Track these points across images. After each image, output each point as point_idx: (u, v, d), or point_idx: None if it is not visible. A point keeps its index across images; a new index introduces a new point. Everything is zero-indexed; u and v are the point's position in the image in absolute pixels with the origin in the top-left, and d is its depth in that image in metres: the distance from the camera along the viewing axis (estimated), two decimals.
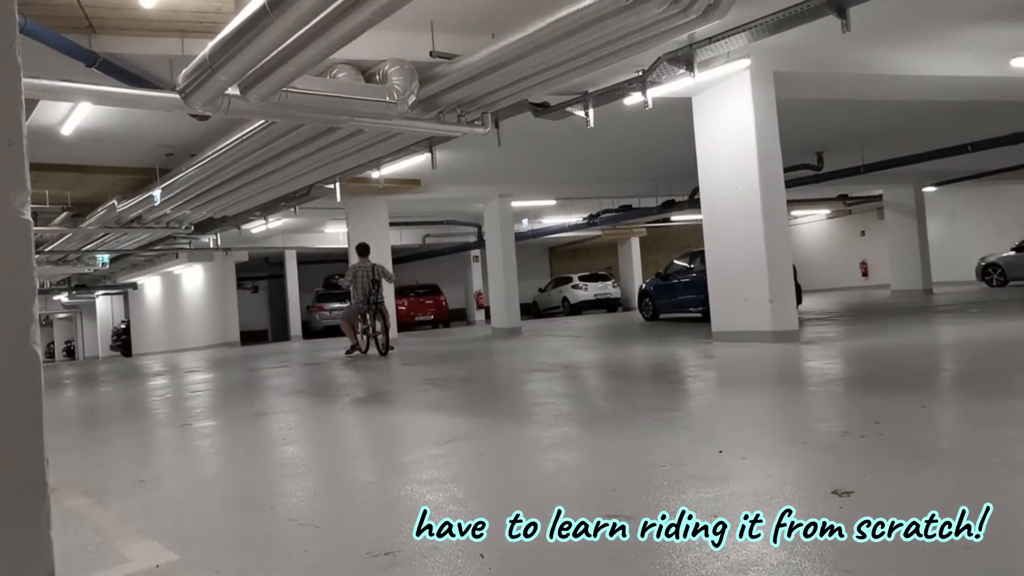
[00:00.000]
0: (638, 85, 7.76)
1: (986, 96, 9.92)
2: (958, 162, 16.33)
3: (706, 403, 4.82)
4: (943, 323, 9.26)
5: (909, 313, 11.44)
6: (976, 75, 8.92)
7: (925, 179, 18.63)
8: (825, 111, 10.67)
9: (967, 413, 3.73)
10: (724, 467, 2.82)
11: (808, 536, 1.98)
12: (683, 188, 16.56)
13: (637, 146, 12.77)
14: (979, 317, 9.52)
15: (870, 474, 2.57)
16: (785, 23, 6.58)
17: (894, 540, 1.93)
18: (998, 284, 18.60)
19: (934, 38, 8.43)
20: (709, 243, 8.73)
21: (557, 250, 30.51)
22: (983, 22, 7.96)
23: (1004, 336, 7.07)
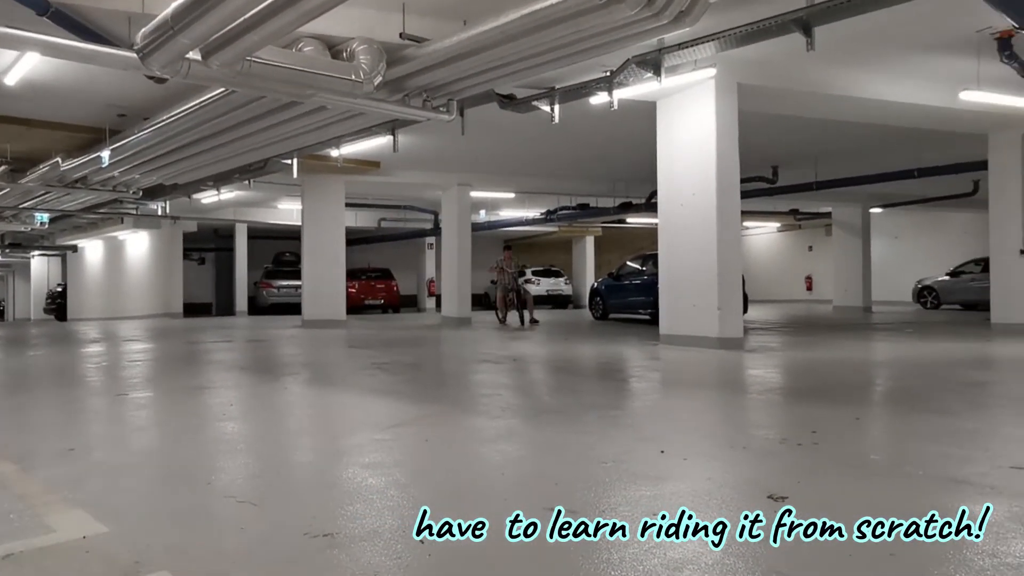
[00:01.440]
0: (605, 85, 7.81)
1: (934, 125, 10.27)
2: (904, 186, 16.90)
3: (650, 403, 4.89)
4: (880, 341, 9.57)
5: (848, 329, 11.80)
6: (927, 103, 9.22)
7: (873, 200, 19.21)
8: (784, 126, 10.89)
9: (897, 427, 3.86)
10: (665, 467, 2.86)
11: (808, 536, 2.03)
12: (641, 191, 16.72)
13: (599, 146, 12.85)
14: (913, 337, 9.88)
15: (804, 481, 2.64)
16: (752, 36, 6.68)
17: (823, 543, 1.99)
18: (932, 306, 19.31)
19: (891, 64, 8.69)
20: (663, 247, 8.85)
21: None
22: (937, 54, 8.23)
23: (934, 357, 7.34)
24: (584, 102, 8.39)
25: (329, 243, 14.48)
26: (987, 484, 2.51)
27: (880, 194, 18.48)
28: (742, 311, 8.78)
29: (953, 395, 4.72)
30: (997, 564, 1.81)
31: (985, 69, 8.15)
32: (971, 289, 17.56)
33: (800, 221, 24.39)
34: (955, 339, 9.34)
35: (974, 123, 10.19)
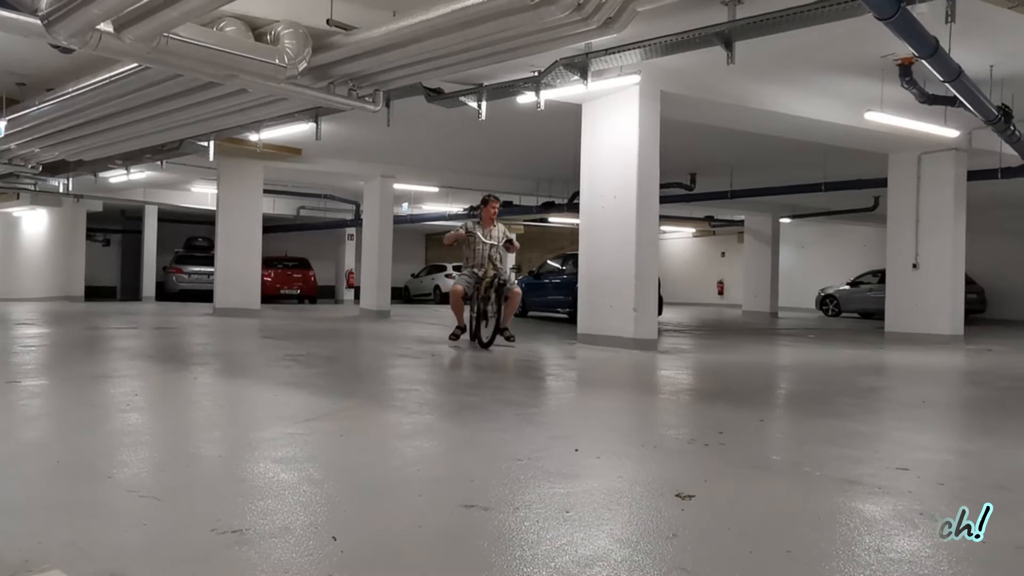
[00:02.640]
0: (532, 85, 7.87)
1: (841, 142, 10.82)
2: (812, 198, 17.75)
3: (566, 402, 4.97)
4: (784, 346, 10.02)
5: (756, 333, 12.30)
6: (835, 121, 9.71)
7: (782, 210, 20.08)
8: (703, 135, 11.24)
9: (797, 429, 4.06)
10: (579, 465, 2.92)
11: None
12: (564, 191, 16.94)
13: (525, 145, 12.94)
14: (814, 343, 10.38)
15: (711, 480, 2.75)
16: (676, 46, 6.87)
17: (726, 540, 2.08)
18: (833, 314, 20.35)
19: (805, 82, 9.10)
20: (583, 247, 9.00)
21: (434, 237, 30.35)
22: (846, 75, 8.67)
23: (832, 362, 7.75)
24: (511, 101, 8.44)
25: (245, 229, 14.04)
26: (876, 484, 2.67)
27: (789, 205, 19.38)
28: (657, 313, 9.02)
29: (848, 399, 4.99)
30: (881, 560, 1.94)
31: (888, 92, 8.64)
32: (868, 299, 18.59)
33: (714, 228, 25.24)
34: (852, 346, 9.87)
35: (877, 142, 10.78)
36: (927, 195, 11.24)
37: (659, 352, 7.98)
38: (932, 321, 11.06)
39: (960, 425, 4.39)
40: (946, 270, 11.02)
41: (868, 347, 9.67)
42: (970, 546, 2.08)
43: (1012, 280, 19.18)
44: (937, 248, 11.10)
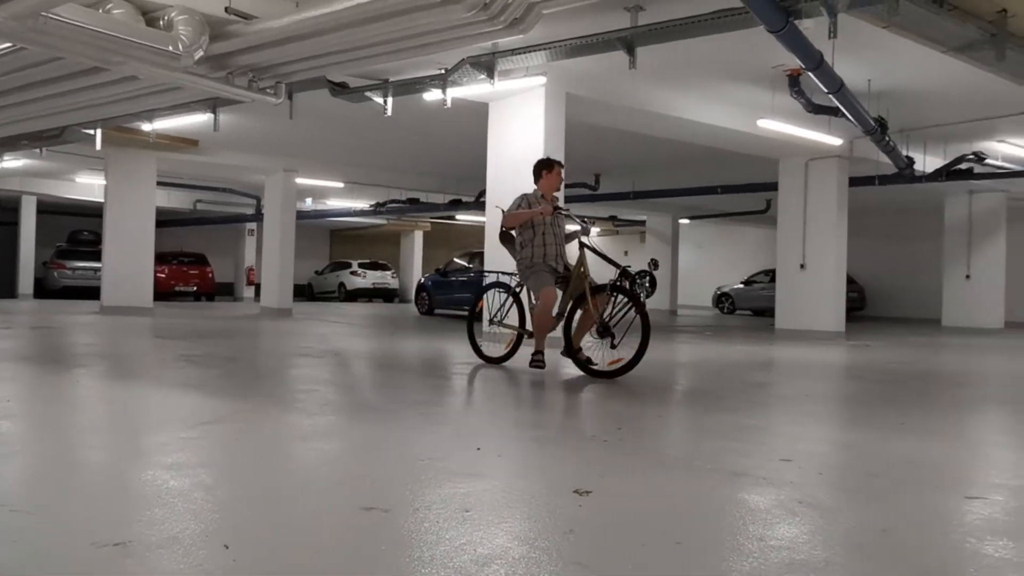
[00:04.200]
0: (439, 83, 7.85)
1: (736, 147, 11.31)
2: (709, 200, 18.50)
3: (470, 400, 4.99)
4: (683, 343, 10.38)
5: (655, 331, 12.67)
6: (731, 127, 10.14)
7: (681, 211, 20.82)
8: (607, 137, 11.49)
9: (693, 424, 4.23)
10: (481, 464, 2.94)
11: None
12: (471, 189, 16.96)
13: (432, 142, 12.87)
14: (711, 340, 10.81)
15: (608, 475, 2.82)
16: (581, 50, 7.00)
17: (621, 534, 2.15)
18: (728, 311, 21.27)
19: (703, 89, 9.46)
20: (489, 246, 9.03)
21: (339, 234, 29.78)
22: (741, 83, 9.07)
23: (727, 359, 8.09)
24: (418, 97, 8.38)
25: (136, 223, 13.34)
26: (761, 476, 2.82)
27: (688, 206, 20.10)
28: None
29: (740, 394, 5.23)
30: (763, 547, 2.05)
31: (779, 101, 9.09)
32: (761, 297, 19.54)
33: (618, 227, 25.87)
34: (745, 342, 10.34)
35: (769, 148, 11.33)
36: (813, 199, 11.91)
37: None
38: (817, 318, 11.72)
39: (839, 417, 4.68)
40: (830, 270, 11.71)
41: (759, 343, 10.15)
42: (842, 531, 2.22)
43: (888, 280, 20.56)
44: (822, 249, 11.78)
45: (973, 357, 8.99)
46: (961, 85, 8.64)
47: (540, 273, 5.84)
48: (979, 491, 2.73)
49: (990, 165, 12.08)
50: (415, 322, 13.44)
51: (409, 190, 18.09)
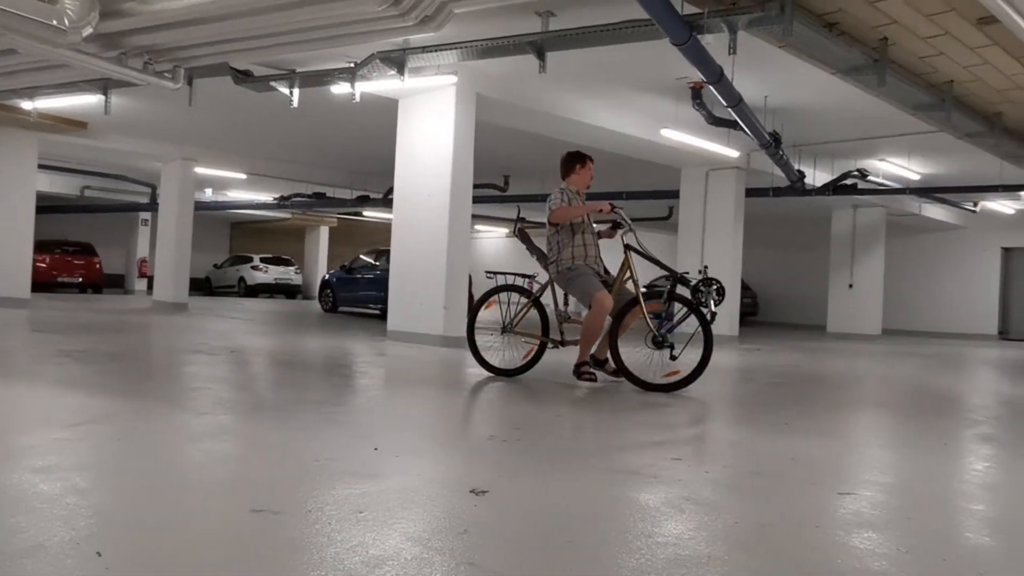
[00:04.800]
0: (348, 76, 7.72)
1: (642, 155, 11.64)
2: None
3: (371, 400, 4.92)
4: None
5: None
6: (636, 135, 10.43)
7: None
8: (517, 139, 11.59)
9: (590, 424, 4.32)
10: (377, 464, 2.91)
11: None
12: (380, 185, 16.73)
13: (340, 136, 12.63)
14: None
15: (505, 475, 2.85)
16: (492, 51, 7.04)
17: (515, 534, 2.17)
18: None
19: (611, 97, 9.68)
20: (396, 244, 8.95)
21: (240, 226, 28.76)
22: (648, 93, 9.34)
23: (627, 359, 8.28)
24: (326, 90, 8.22)
25: (13, 208, 12.43)
26: (652, 474, 2.90)
27: None
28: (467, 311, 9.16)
29: (638, 394, 5.36)
30: (650, 544, 2.11)
31: (682, 112, 9.42)
32: None
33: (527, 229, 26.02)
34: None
35: (671, 157, 11.72)
36: (712, 208, 12.40)
37: (468, 350, 8.11)
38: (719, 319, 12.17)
39: (729, 417, 4.88)
40: (726, 276, 12.20)
41: None
42: (725, 526, 2.32)
43: (779, 287, 21.64)
44: (719, 256, 12.27)
45: (853, 361, 9.57)
46: (848, 106, 9.19)
47: (588, 276, 5.38)
48: (851, 487, 2.91)
49: (872, 182, 12.92)
50: (318, 319, 13.14)
51: (315, 184, 17.67)
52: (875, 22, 6.66)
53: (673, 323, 5.24)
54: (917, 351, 12.02)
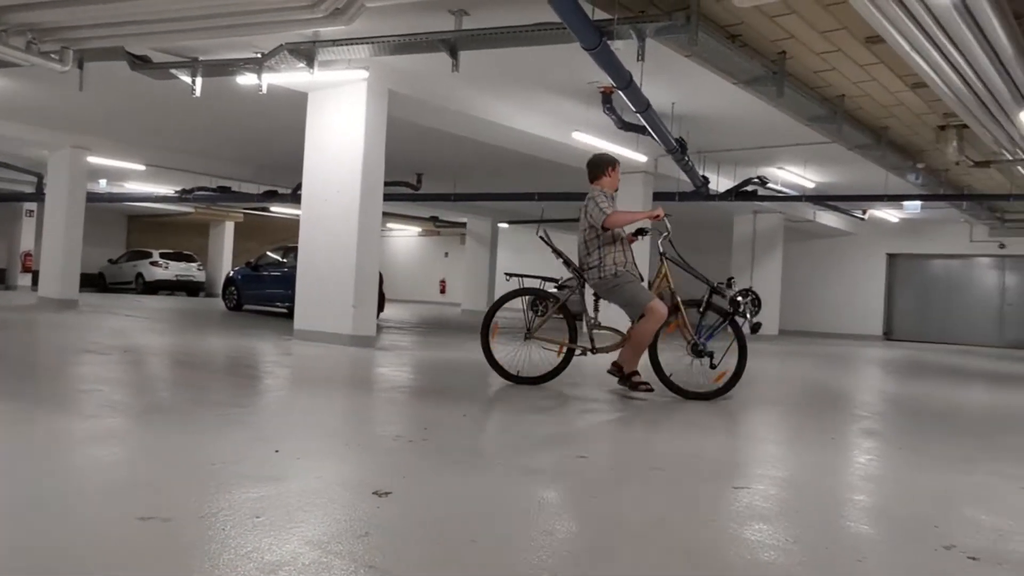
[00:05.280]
0: (255, 67, 7.47)
1: (553, 156, 11.77)
2: (527, 206, 19.05)
3: (274, 401, 4.78)
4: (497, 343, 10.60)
5: (473, 331, 12.87)
6: (549, 137, 10.55)
7: (501, 215, 21.34)
8: (430, 137, 11.52)
9: (497, 423, 4.33)
10: (278, 467, 2.82)
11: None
12: (289, 180, 16.26)
13: (247, 129, 12.21)
14: None
15: (409, 476, 2.82)
16: (405, 47, 6.96)
17: (416, 533, 2.15)
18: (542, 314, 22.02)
19: (524, 98, 9.75)
20: (304, 240, 8.73)
21: (138, 220, 27.39)
22: (560, 96, 9.46)
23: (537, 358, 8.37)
24: (232, 81, 7.92)
25: None
26: (557, 472, 2.94)
27: (508, 211, 20.63)
28: (377, 310, 9.04)
29: (546, 394, 5.43)
30: (552, 540, 2.14)
31: (592, 116, 9.58)
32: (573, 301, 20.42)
33: (439, 228, 26.01)
34: None
35: (582, 160, 11.74)
36: None
37: (377, 349, 8.01)
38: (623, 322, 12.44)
39: (636, 417, 4.99)
40: None
41: None
42: (625, 521, 2.37)
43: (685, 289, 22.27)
44: None
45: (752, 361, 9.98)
46: (750, 115, 9.59)
47: (637, 284, 5.28)
48: (745, 481, 3.03)
49: (771, 189, 13.52)
50: (221, 318, 12.66)
51: (220, 178, 17.01)
52: (774, 36, 6.98)
53: (711, 333, 5.25)
54: (810, 351, 12.66)
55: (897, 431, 4.78)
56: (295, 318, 8.75)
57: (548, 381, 5.42)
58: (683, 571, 2.00)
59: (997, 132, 8.31)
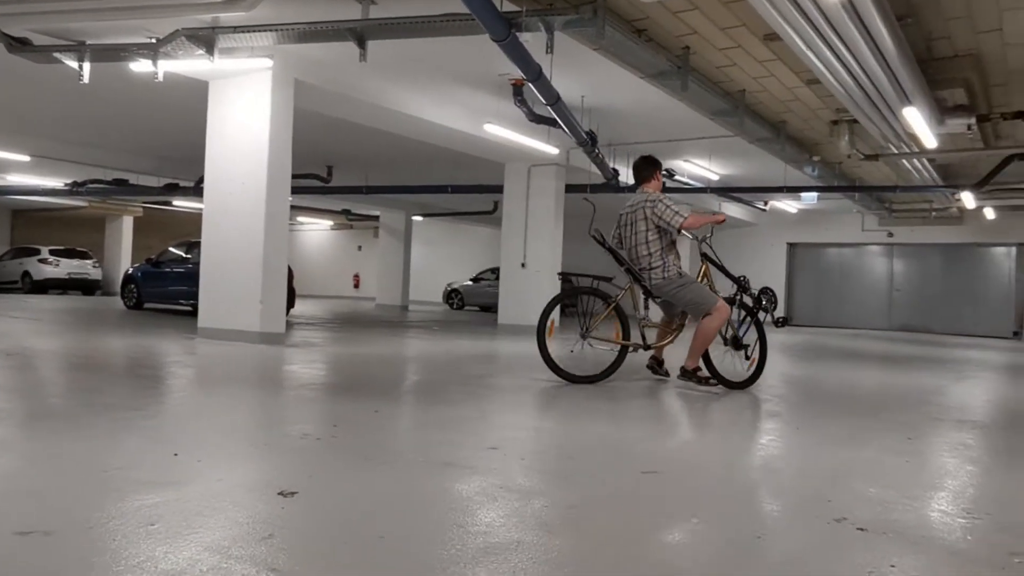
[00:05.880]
0: (149, 53, 7.10)
1: (466, 149, 11.74)
2: (441, 199, 18.98)
3: (175, 402, 4.58)
4: (411, 337, 10.54)
5: (386, 326, 12.74)
6: (461, 129, 10.50)
7: (415, 208, 21.14)
8: (340, 128, 11.27)
9: (409, 418, 4.29)
10: (177, 471, 2.70)
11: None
12: (191, 172, 15.59)
13: (145, 118, 11.61)
14: (438, 335, 11.11)
15: (316, 475, 2.75)
16: (311, 36, 6.76)
17: (323, 535, 2.10)
18: (457, 307, 22.04)
19: (435, 90, 9.66)
20: (207, 235, 8.41)
21: (25, 215, 25.72)
22: (472, 87, 9.43)
23: (452, 352, 8.36)
24: (125, 67, 7.52)
25: None
26: (468, 465, 2.93)
27: (421, 204, 20.46)
28: (287, 305, 8.80)
29: (459, 387, 5.42)
30: (463, 534, 2.13)
31: (504, 108, 9.60)
32: (487, 293, 20.52)
33: (352, 221, 25.54)
34: (470, 337, 10.77)
35: (495, 152, 11.92)
36: (534, 203, 12.78)
37: (287, 346, 7.80)
38: (535, 314, 12.53)
39: (549, 406, 5.04)
40: (546, 269, 12.64)
41: (483, 338, 10.65)
42: (535, 511, 2.39)
43: None
44: (540, 250, 12.68)
45: None
46: (657, 109, 9.81)
47: (700, 285, 5.58)
48: (653, 466, 3.10)
49: (678, 181, 13.91)
50: (119, 317, 12.05)
51: (116, 170, 16.14)
52: (678, 31, 7.16)
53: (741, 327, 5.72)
54: None
55: (796, 412, 5.01)
56: (199, 316, 8.42)
57: (604, 379, 5.57)
58: (591, 561, 2.03)
59: (884, 127, 8.81)
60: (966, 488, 3.04)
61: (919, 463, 3.48)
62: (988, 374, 8.50)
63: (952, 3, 6.38)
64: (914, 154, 11.04)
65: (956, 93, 8.19)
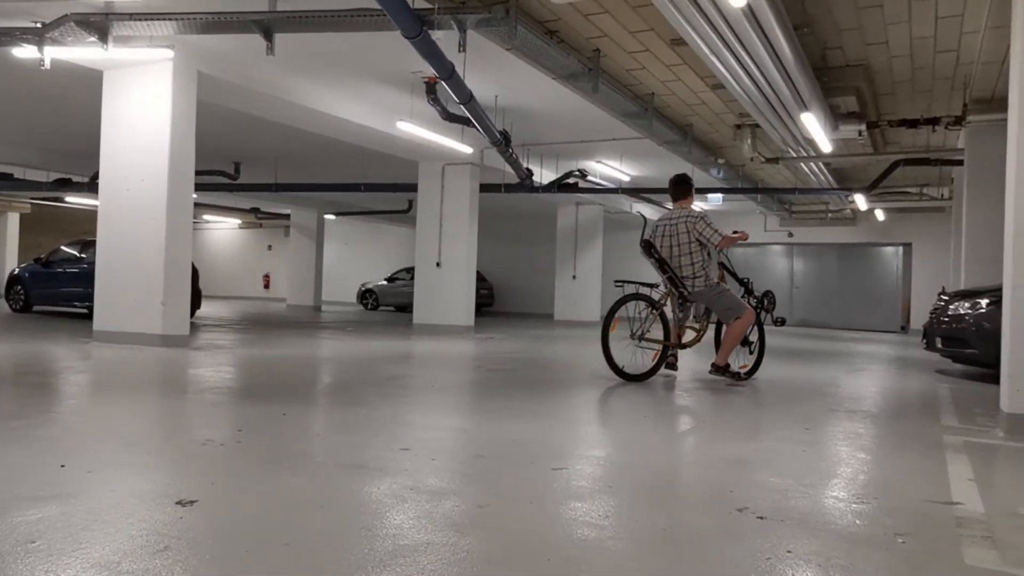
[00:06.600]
0: (34, 38, 6.68)
1: (379, 147, 11.59)
2: (354, 198, 18.67)
3: (65, 410, 4.31)
4: (323, 338, 10.31)
5: (298, 327, 12.42)
6: (373, 127, 10.35)
7: (327, 207, 20.71)
8: (247, 124, 10.91)
9: (318, 420, 4.19)
10: (64, 483, 2.54)
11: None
12: (86, 167, 14.78)
13: (31, 109, 10.91)
14: (352, 335, 10.91)
15: (219, 482, 2.64)
16: (215, 27, 6.52)
17: (226, 543, 2.02)
18: (372, 308, 21.74)
19: (347, 86, 9.48)
20: (103, 233, 7.98)
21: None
22: (384, 84, 9.30)
23: (365, 353, 8.23)
24: (7, 52, 7.04)
25: None
26: (378, 466, 2.88)
27: (333, 202, 20.08)
28: (191, 307, 8.45)
29: (371, 388, 5.33)
30: (371, 537, 2.09)
31: (417, 106, 9.52)
32: (402, 293, 20.33)
33: (261, 220, 24.82)
34: (384, 337, 10.63)
35: (409, 150, 11.80)
36: (449, 202, 12.73)
37: (191, 349, 7.49)
38: (450, 314, 12.55)
39: (460, 405, 5.03)
40: (462, 268, 12.63)
41: (397, 338, 10.53)
42: (444, 511, 2.37)
43: (513, 279, 22.89)
44: (456, 249, 12.65)
45: (576, 347, 10.41)
46: (569, 110, 9.95)
47: (733, 293, 6.38)
48: (564, 463, 3.14)
49: (591, 182, 14.15)
50: (6, 321, 11.28)
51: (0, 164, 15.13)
52: (589, 34, 7.28)
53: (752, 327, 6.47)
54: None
55: (703, 407, 5.17)
56: (95, 318, 7.98)
57: (649, 378, 6.19)
58: (499, 560, 2.03)
59: (783, 132, 9.21)
60: (857, 475, 3.21)
61: (815, 452, 3.65)
62: (878, 366, 9.02)
63: (844, 15, 6.74)
64: (811, 158, 11.62)
65: (848, 100, 8.65)
